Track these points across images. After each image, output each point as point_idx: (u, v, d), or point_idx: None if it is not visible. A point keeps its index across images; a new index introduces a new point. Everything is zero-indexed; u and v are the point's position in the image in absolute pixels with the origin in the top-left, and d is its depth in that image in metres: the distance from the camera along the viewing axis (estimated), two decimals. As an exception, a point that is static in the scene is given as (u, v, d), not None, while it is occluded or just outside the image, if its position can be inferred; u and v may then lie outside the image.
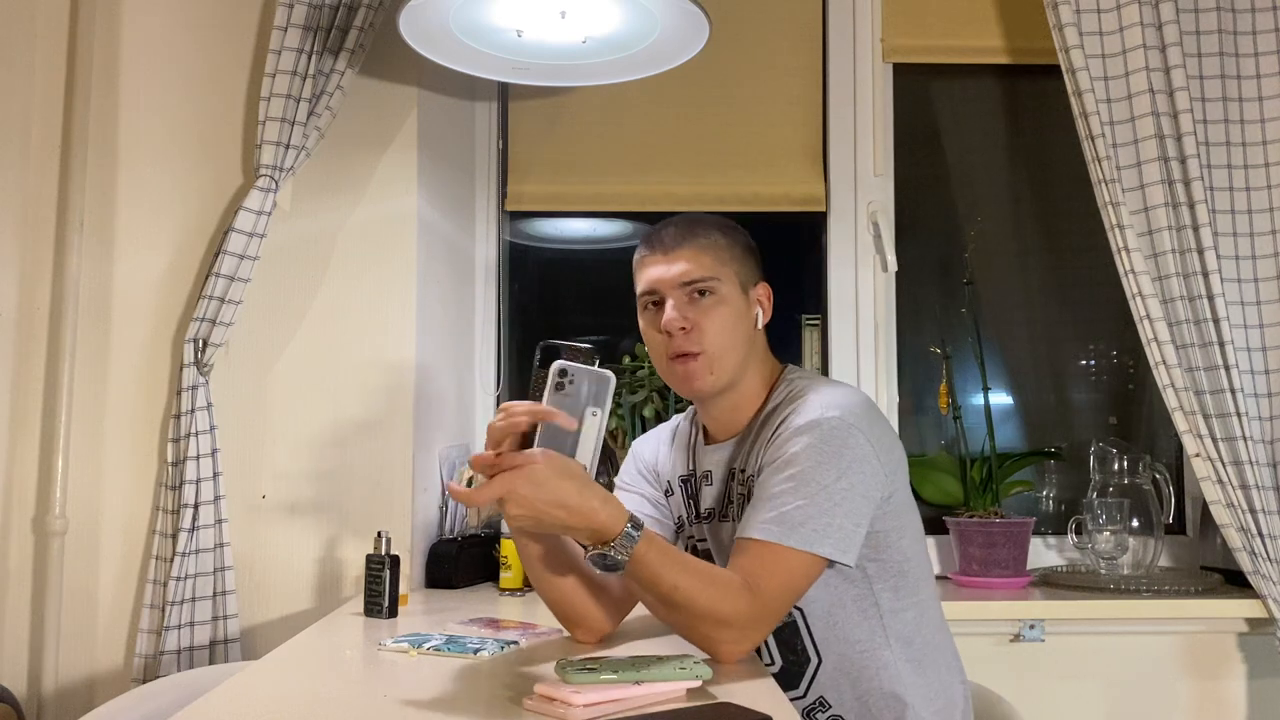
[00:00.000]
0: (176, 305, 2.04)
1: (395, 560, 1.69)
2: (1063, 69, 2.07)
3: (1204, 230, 1.99)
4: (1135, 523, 2.18)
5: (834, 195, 2.41)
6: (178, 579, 1.88)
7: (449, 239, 2.28)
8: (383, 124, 2.09)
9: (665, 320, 1.48)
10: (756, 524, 1.34)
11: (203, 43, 2.08)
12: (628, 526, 1.25)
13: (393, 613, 1.68)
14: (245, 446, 2.02)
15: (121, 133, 2.07)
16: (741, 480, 1.51)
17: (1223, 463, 1.98)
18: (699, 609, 1.28)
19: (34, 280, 2.05)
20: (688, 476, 1.64)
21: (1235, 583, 2.06)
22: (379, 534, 1.71)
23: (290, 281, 2.05)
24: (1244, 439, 1.98)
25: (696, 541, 1.62)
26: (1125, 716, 2.09)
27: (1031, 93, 2.49)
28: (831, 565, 1.36)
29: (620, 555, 1.24)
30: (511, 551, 1.98)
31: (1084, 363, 2.49)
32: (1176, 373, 1.99)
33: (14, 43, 2.05)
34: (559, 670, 1.13)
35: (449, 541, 2.05)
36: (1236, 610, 2.03)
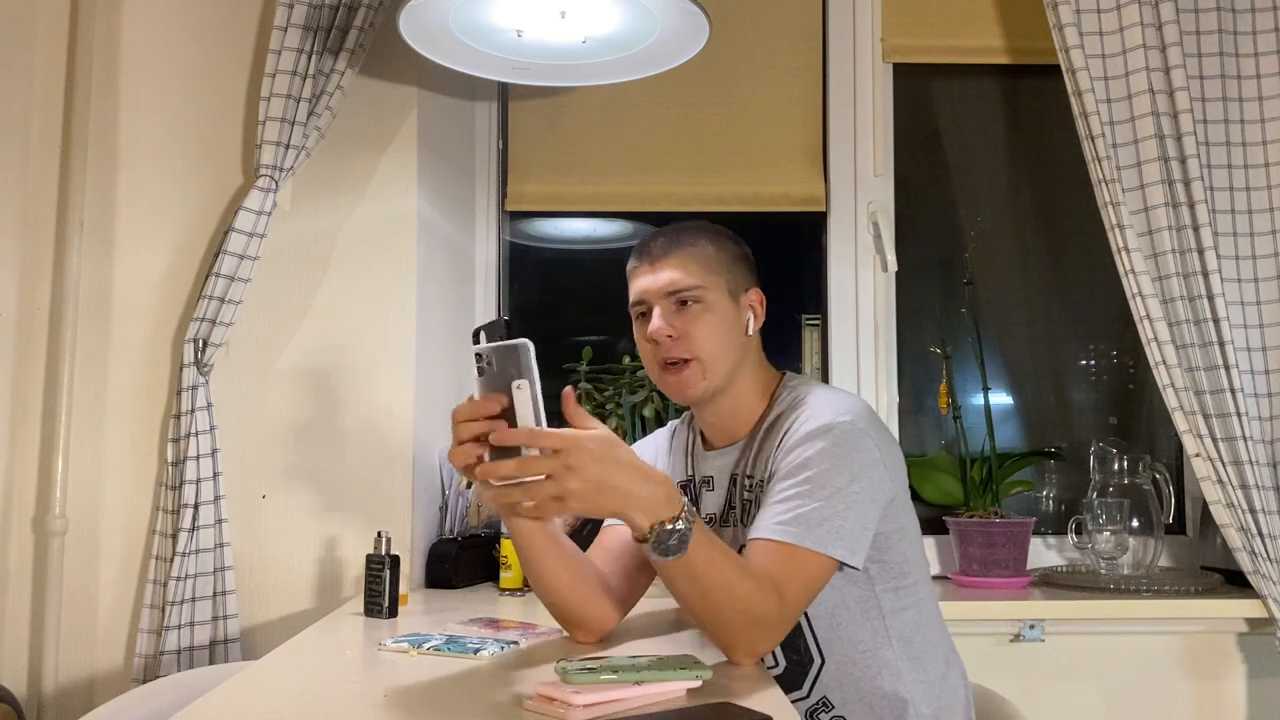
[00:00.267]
0: (176, 305, 2.04)
1: (395, 560, 1.69)
2: (1063, 69, 2.06)
3: (1204, 230, 1.99)
4: (1135, 523, 2.18)
5: (834, 195, 2.41)
6: (178, 579, 1.88)
7: (449, 239, 2.28)
8: (383, 124, 2.09)
9: (651, 329, 1.49)
10: (773, 525, 1.34)
11: (203, 43, 2.08)
12: (686, 504, 1.22)
13: (393, 613, 1.68)
14: (245, 446, 2.02)
15: (121, 133, 2.07)
16: (749, 486, 1.51)
17: (1223, 462, 1.98)
18: (737, 603, 1.26)
19: (34, 280, 2.05)
20: (686, 482, 1.64)
21: (1235, 583, 2.06)
22: (379, 534, 1.71)
23: (290, 281, 2.05)
24: (1244, 439, 1.98)
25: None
26: (1125, 716, 2.09)
27: (1031, 93, 2.49)
28: (840, 568, 1.36)
29: (684, 535, 1.19)
30: (511, 551, 1.98)
31: (1084, 363, 2.49)
32: (1176, 373, 1.99)
33: (14, 43, 2.05)
34: (559, 670, 1.13)
35: (449, 541, 2.05)
36: (1236, 610, 2.03)
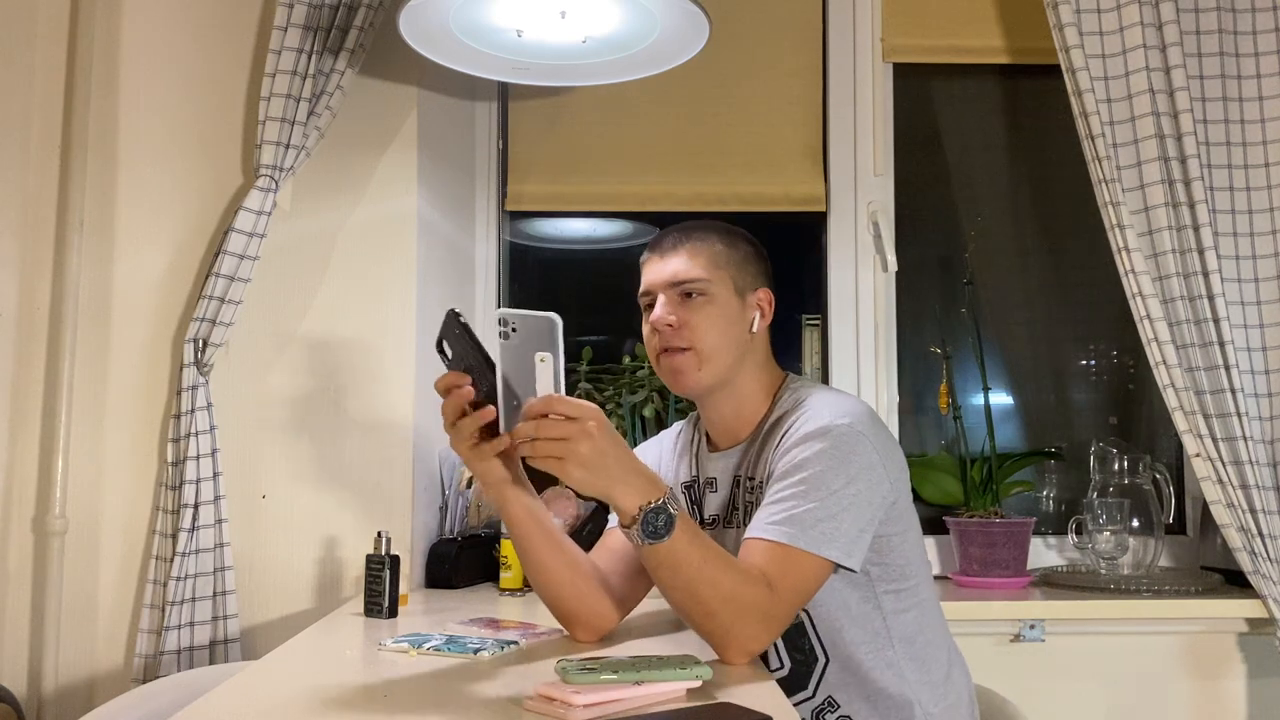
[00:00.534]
0: (176, 305, 2.04)
1: (395, 560, 1.69)
2: (1063, 69, 2.06)
3: (1204, 230, 1.99)
4: (1135, 523, 2.18)
5: (834, 195, 2.41)
6: (178, 579, 1.88)
7: (449, 239, 2.28)
8: (383, 124, 2.09)
9: (653, 317, 1.52)
10: (767, 525, 1.34)
11: (203, 43, 2.08)
12: (670, 491, 1.25)
13: (393, 613, 1.68)
14: (245, 446, 2.02)
15: (121, 133, 2.07)
16: (750, 488, 1.51)
17: (1223, 463, 1.98)
18: (723, 593, 1.26)
19: (34, 280, 2.05)
20: (690, 483, 1.64)
21: (1235, 583, 2.06)
22: (379, 534, 1.71)
23: (290, 281, 2.05)
24: (1244, 439, 1.98)
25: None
26: (1125, 716, 2.09)
27: (1031, 93, 2.49)
28: (836, 570, 1.37)
29: (670, 517, 1.22)
30: (512, 552, 1.98)
31: (1084, 363, 2.49)
32: (1176, 372, 1.99)
33: (14, 43, 2.05)
34: (559, 670, 1.13)
35: (449, 541, 2.05)
36: (1236, 610, 2.03)
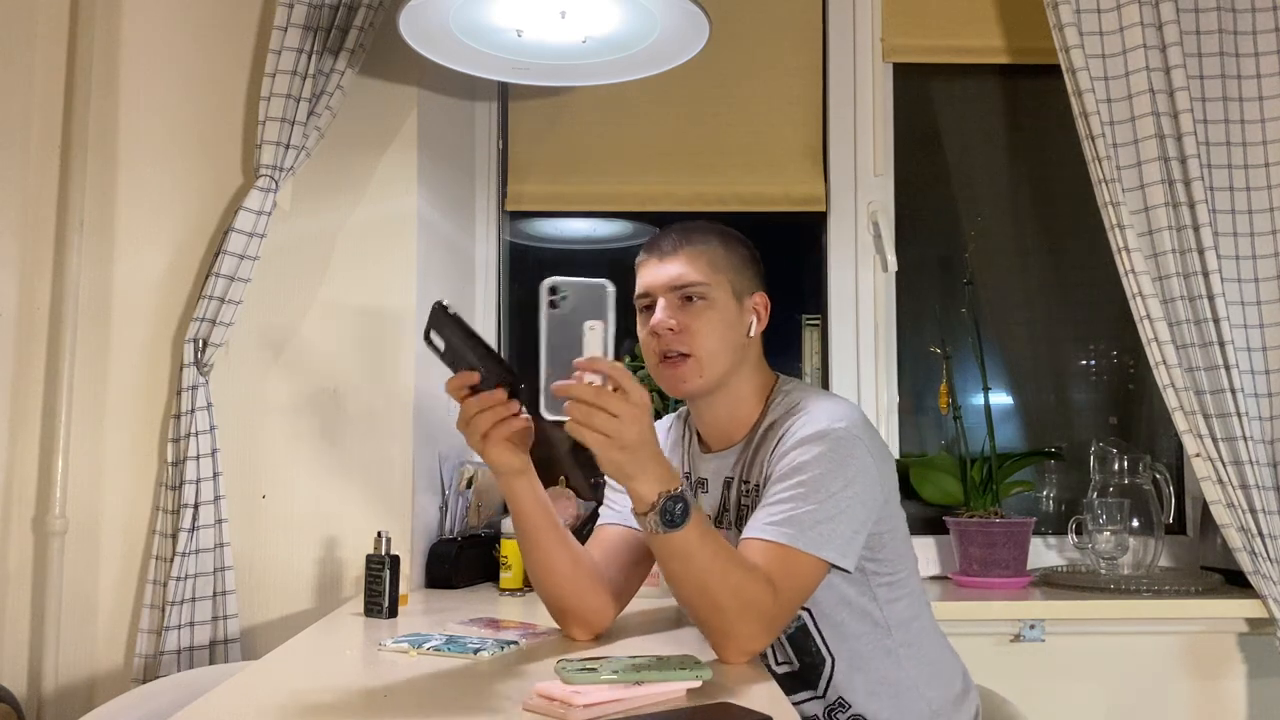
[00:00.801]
0: (176, 305, 2.04)
1: (395, 560, 1.69)
2: (1063, 69, 2.06)
3: (1204, 230, 1.99)
4: (1135, 523, 2.18)
5: (834, 195, 2.41)
6: (178, 579, 1.88)
7: (449, 239, 2.28)
8: (383, 124, 2.09)
9: (654, 321, 1.51)
10: (766, 525, 1.36)
11: (203, 43, 2.08)
12: (684, 482, 1.27)
13: (393, 613, 1.68)
14: (245, 446, 2.02)
15: (121, 133, 2.07)
16: (745, 491, 1.52)
17: (1223, 463, 1.98)
18: (731, 586, 1.28)
19: (34, 280, 2.05)
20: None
21: (1235, 583, 2.06)
22: (379, 534, 1.71)
23: (290, 281, 2.05)
24: (1244, 439, 1.98)
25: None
26: (1125, 716, 2.09)
27: (1031, 93, 2.49)
28: (831, 570, 1.39)
29: (687, 506, 1.24)
30: (512, 552, 1.98)
31: (1084, 363, 2.49)
32: (1177, 373, 1.99)
33: (14, 43, 2.05)
34: (559, 670, 1.13)
35: (449, 541, 2.05)
36: (1236, 610, 2.03)
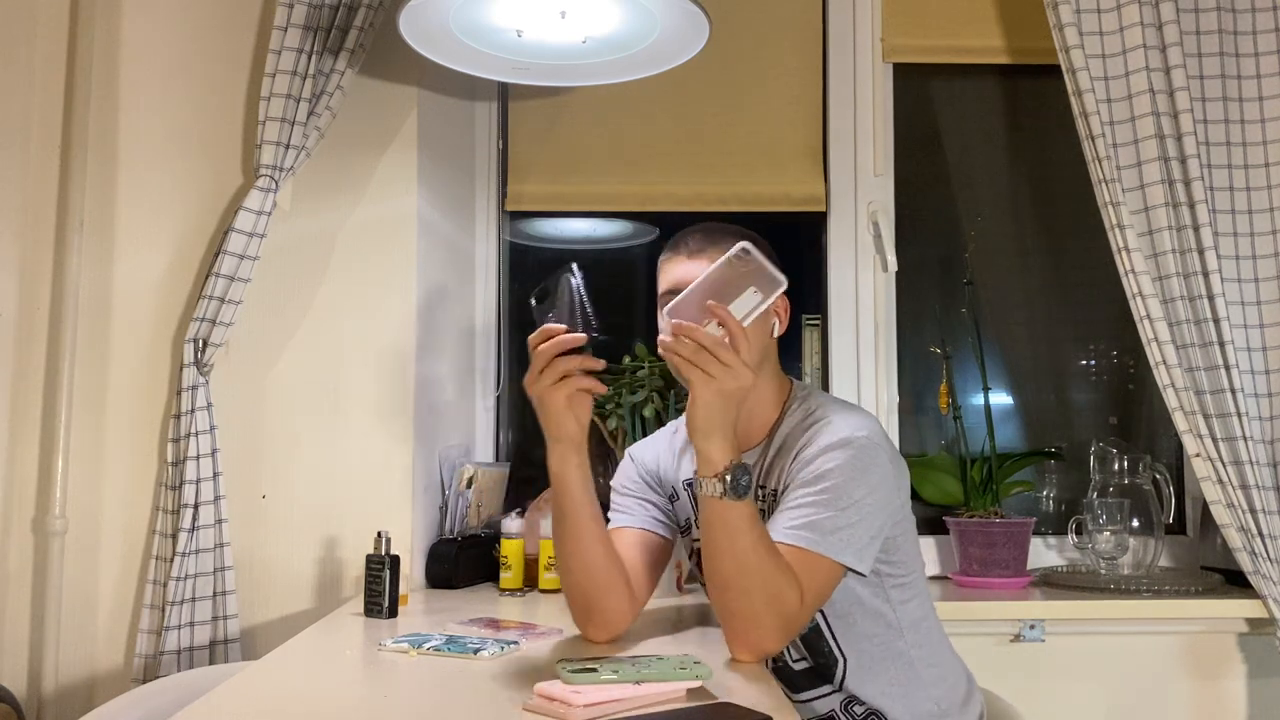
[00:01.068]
0: (176, 305, 2.04)
1: (395, 560, 1.69)
2: (1063, 69, 2.06)
3: (1204, 230, 1.99)
4: (1135, 523, 2.18)
5: (834, 195, 2.41)
6: (178, 579, 1.88)
7: (449, 239, 2.28)
8: (383, 124, 2.09)
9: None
10: (788, 529, 1.38)
11: (203, 43, 2.08)
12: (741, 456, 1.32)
13: (393, 613, 1.68)
14: (245, 446, 2.02)
15: (121, 133, 2.07)
16: (762, 496, 1.53)
17: (1223, 463, 1.98)
18: (766, 572, 1.30)
19: (34, 280, 2.05)
20: (693, 480, 1.64)
21: (1235, 583, 2.06)
22: (379, 534, 1.71)
23: (290, 281, 2.05)
24: (1244, 439, 1.98)
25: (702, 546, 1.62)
26: (1125, 716, 2.09)
27: (1031, 93, 2.49)
28: (846, 573, 1.41)
29: (751, 479, 1.30)
30: (511, 552, 1.98)
31: (1084, 363, 2.49)
32: (1177, 373, 1.99)
33: (14, 43, 2.05)
34: (559, 670, 1.13)
35: (449, 541, 2.05)
36: (1236, 610, 2.03)
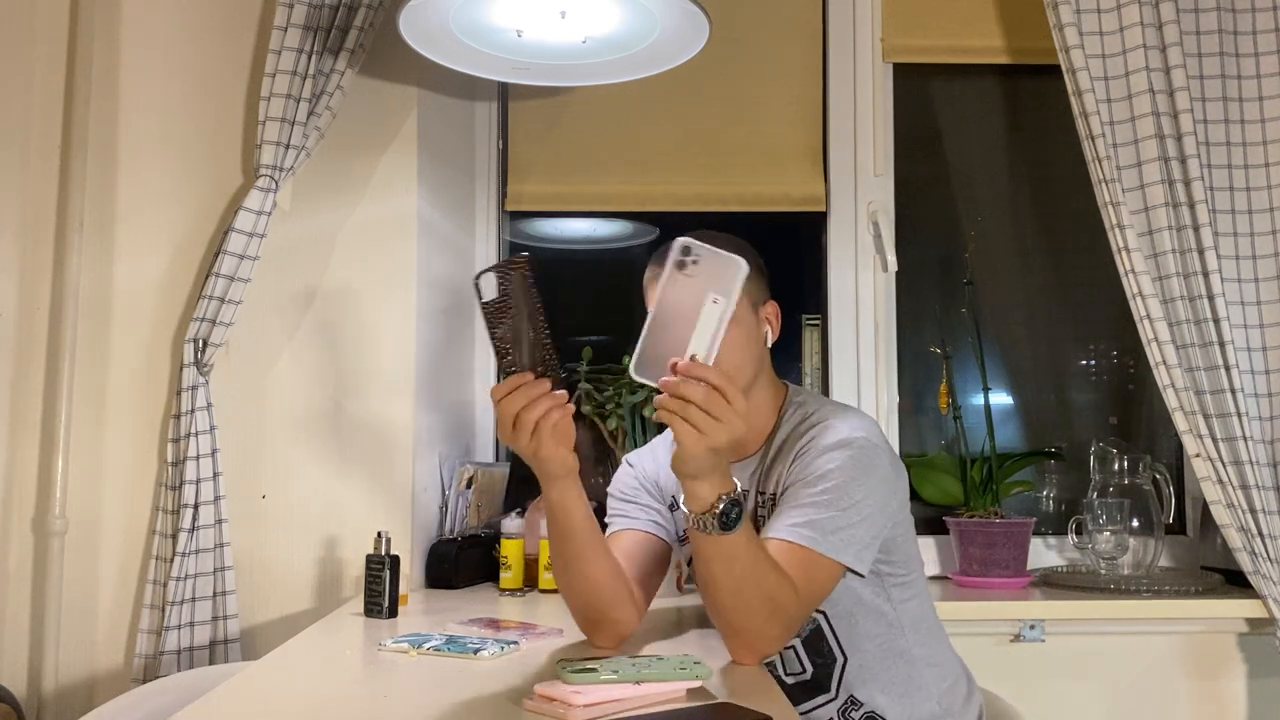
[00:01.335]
0: (176, 305, 2.04)
1: (395, 560, 1.69)
2: (1063, 69, 2.06)
3: (1204, 230, 1.99)
4: (1135, 523, 2.18)
5: (834, 195, 2.41)
6: (178, 579, 1.88)
7: (449, 239, 2.28)
8: (383, 124, 2.09)
9: None
10: (789, 528, 1.37)
11: (203, 43, 2.08)
12: (737, 484, 1.27)
13: (393, 613, 1.68)
14: (245, 447, 2.02)
15: (121, 133, 2.07)
16: (762, 502, 1.53)
17: (1223, 463, 1.98)
18: (765, 590, 1.28)
19: (34, 280, 2.05)
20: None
21: (1235, 583, 2.06)
22: (379, 534, 1.71)
23: (290, 282, 2.05)
24: (1244, 439, 1.98)
25: (696, 575, 1.62)
26: (1125, 716, 2.09)
27: (1031, 93, 2.49)
28: (846, 574, 1.41)
29: (741, 509, 1.24)
30: (511, 552, 1.98)
31: (1084, 363, 2.49)
32: (1177, 373, 1.99)
33: (14, 43, 2.05)
34: (559, 670, 1.13)
35: (449, 541, 2.05)
36: (1236, 610, 2.03)
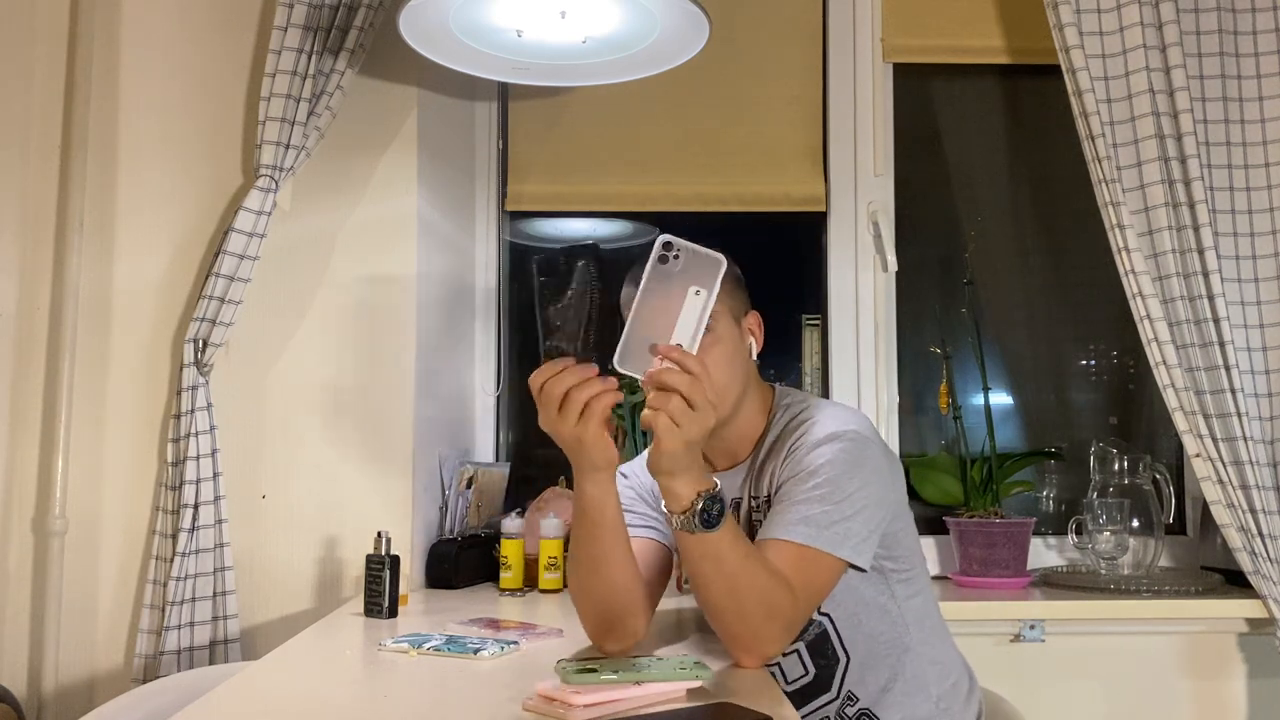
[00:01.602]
0: (176, 305, 2.04)
1: (395, 560, 1.69)
2: (1063, 69, 2.06)
3: (1204, 230, 1.99)
4: (1135, 523, 2.18)
5: (834, 195, 2.41)
6: (178, 579, 1.88)
7: (449, 239, 2.28)
8: (383, 124, 2.09)
9: None
10: (785, 526, 1.36)
11: (203, 43, 2.08)
12: (716, 483, 1.25)
13: (393, 613, 1.68)
14: (245, 447, 2.02)
15: (121, 133, 2.07)
16: (755, 506, 1.52)
17: (1223, 463, 1.98)
18: (759, 590, 1.27)
19: (34, 280, 2.05)
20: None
21: (1235, 583, 2.06)
22: (379, 534, 1.71)
23: (290, 281, 2.05)
24: (1244, 439, 1.98)
25: (690, 577, 1.61)
26: (1125, 716, 2.09)
27: (1031, 93, 2.49)
28: (847, 570, 1.39)
29: (723, 505, 1.23)
30: (511, 552, 1.98)
31: (1084, 363, 2.49)
32: (1177, 373, 1.99)
33: (14, 43, 2.05)
34: (559, 670, 1.13)
35: (449, 541, 2.05)
36: (1236, 610, 2.03)
